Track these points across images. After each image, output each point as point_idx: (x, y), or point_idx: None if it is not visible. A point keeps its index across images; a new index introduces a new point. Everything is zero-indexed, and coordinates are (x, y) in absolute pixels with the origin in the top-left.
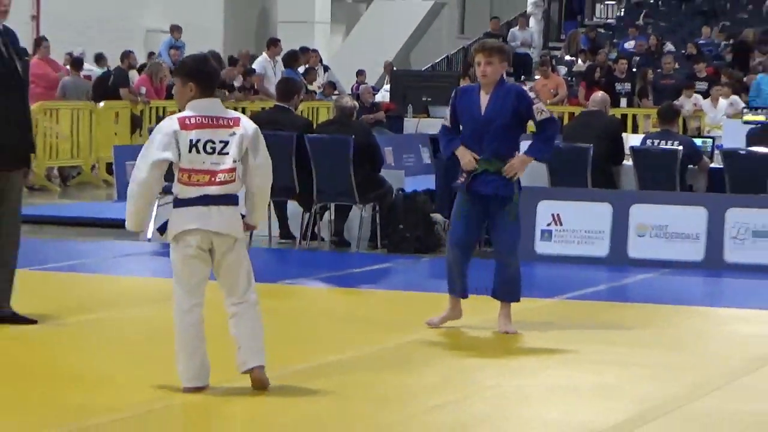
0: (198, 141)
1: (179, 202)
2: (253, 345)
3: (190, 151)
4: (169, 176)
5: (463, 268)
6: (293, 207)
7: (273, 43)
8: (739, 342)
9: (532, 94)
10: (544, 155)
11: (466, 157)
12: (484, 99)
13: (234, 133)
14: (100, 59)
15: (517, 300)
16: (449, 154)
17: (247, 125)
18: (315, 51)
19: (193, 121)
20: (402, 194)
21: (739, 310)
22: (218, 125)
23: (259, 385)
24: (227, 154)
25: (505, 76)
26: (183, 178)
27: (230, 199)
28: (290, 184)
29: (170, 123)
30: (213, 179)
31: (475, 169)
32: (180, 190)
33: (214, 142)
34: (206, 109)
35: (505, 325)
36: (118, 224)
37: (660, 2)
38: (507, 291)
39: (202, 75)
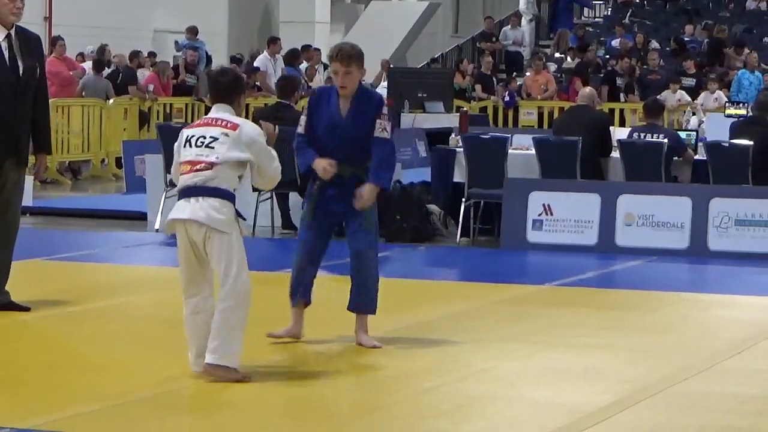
0: (192, 137)
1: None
2: (215, 345)
3: (185, 146)
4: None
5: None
6: (295, 199)
7: (273, 42)
8: (722, 326)
9: (386, 109)
10: (386, 182)
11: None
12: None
13: (227, 134)
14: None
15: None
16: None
17: (246, 133)
18: (317, 50)
19: (197, 122)
20: (399, 186)
21: (722, 296)
22: (214, 125)
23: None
24: (213, 148)
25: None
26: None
27: (211, 192)
28: (293, 177)
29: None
30: (193, 168)
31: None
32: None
33: (204, 137)
34: (214, 112)
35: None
36: (126, 216)
37: (645, 2)
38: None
39: (213, 85)
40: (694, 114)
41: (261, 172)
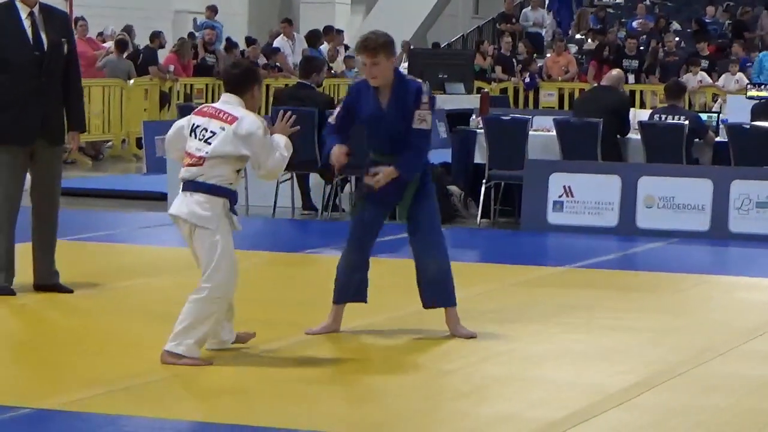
0: (197, 127)
1: None
2: (176, 331)
3: (190, 135)
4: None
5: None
6: (315, 179)
7: (286, 23)
8: (743, 308)
9: (426, 98)
10: (410, 171)
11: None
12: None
13: (223, 128)
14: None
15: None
16: None
17: (243, 126)
18: (339, 31)
19: (205, 110)
20: None
21: (742, 278)
22: (216, 117)
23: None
24: (209, 144)
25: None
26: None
27: (198, 187)
28: (312, 157)
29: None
30: (187, 162)
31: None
32: None
33: (206, 130)
34: (221, 103)
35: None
36: (147, 196)
37: None
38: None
39: (225, 76)
40: (716, 101)
41: (259, 165)
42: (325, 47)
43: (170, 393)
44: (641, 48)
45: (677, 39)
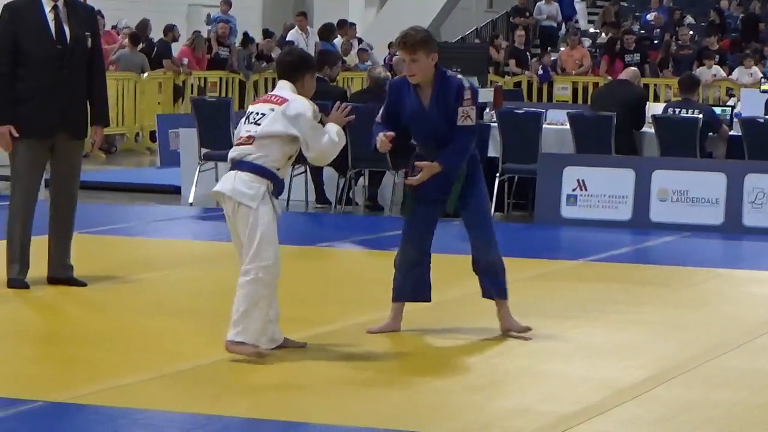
0: (251, 113)
1: None
2: (234, 319)
3: (244, 121)
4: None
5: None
6: (329, 173)
7: (301, 16)
8: (757, 302)
9: (468, 94)
10: (453, 167)
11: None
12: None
13: (273, 109)
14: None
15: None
16: None
17: (292, 107)
18: (353, 25)
19: (258, 99)
20: None
21: (756, 272)
22: (268, 101)
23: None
24: (259, 124)
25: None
26: None
27: (245, 166)
28: None
29: None
30: (237, 142)
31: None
32: None
33: (257, 114)
34: (275, 89)
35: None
36: (160, 189)
37: None
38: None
39: (278, 63)
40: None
41: (308, 146)
42: (338, 41)
43: (183, 386)
44: (655, 42)
45: (691, 32)
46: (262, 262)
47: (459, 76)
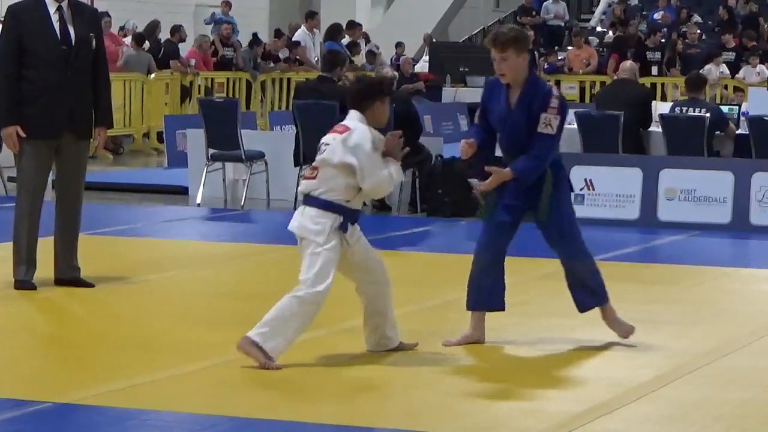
0: (321, 144)
1: None
2: (261, 321)
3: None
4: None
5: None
6: None
7: (311, 16)
8: (765, 301)
9: (555, 102)
10: (526, 175)
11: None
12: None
13: (335, 138)
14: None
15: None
16: None
17: (352, 137)
18: (359, 25)
19: (332, 128)
20: (441, 160)
21: (764, 271)
22: (334, 130)
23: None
24: (322, 154)
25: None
26: None
27: (312, 201)
28: None
29: None
30: (305, 176)
31: None
32: None
33: (324, 144)
34: (346, 118)
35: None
36: (168, 190)
37: None
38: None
39: (347, 92)
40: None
41: (363, 178)
42: (345, 41)
43: (192, 387)
44: (663, 41)
45: (698, 31)
46: (312, 297)
47: (551, 83)
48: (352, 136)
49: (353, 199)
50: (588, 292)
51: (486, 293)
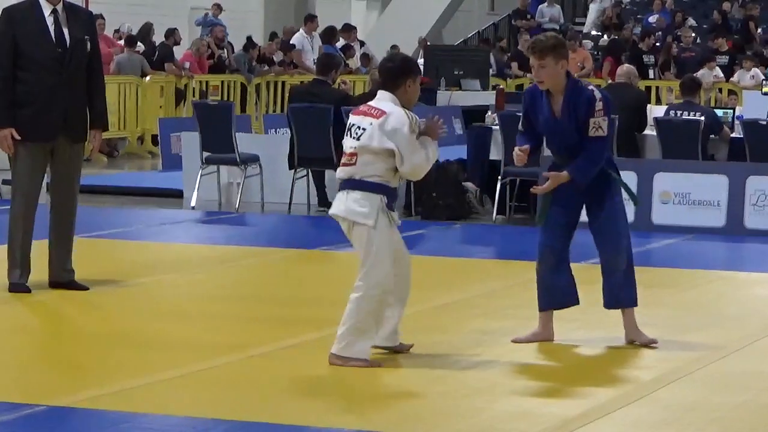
0: (352, 125)
1: None
2: (339, 334)
3: (345, 134)
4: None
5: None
6: (331, 176)
7: (310, 20)
8: (759, 304)
9: (600, 105)
10: (583, 177)
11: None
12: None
13: (372, 123)
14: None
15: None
16: None
17: (390, 121)
18: (354, 28)
19: (361, 108)
20: (435, 163)
21: (758, 274)
22: (368, 114)
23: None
24: (359, 139)
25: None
26: None
27: (355, 185)
28: (328, 154)
29: None
30: (343, 162)
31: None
32: None
33: (359, 128)
34: (375, 100)
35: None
36: (162, 193)
37: None
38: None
39: (380, 71)
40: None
41: (402, 161)
42: (341, 44)
43: (186, 390)
44: (657, 44)
45: (693, 35)
46: (373, 280)
47: (591, 86)
48: (389, 121)
49: (392, 179)
50: (617, 293)
51: (559, 293)
